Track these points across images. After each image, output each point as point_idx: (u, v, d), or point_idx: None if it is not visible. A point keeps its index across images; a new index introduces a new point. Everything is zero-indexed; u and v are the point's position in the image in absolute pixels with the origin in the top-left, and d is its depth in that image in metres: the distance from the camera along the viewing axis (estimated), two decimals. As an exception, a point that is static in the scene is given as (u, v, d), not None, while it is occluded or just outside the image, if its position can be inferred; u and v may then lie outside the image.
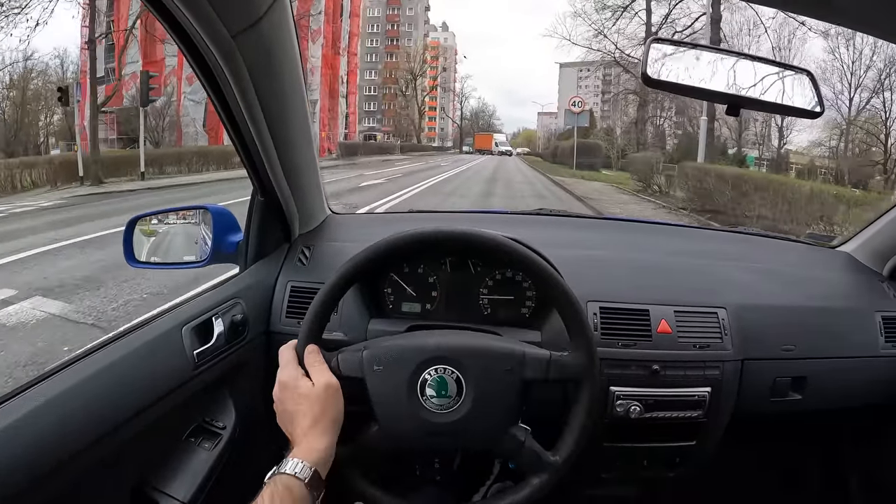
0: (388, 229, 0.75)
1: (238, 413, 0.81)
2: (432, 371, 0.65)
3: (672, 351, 0.81)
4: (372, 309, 0.84)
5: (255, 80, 0.69)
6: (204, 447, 0.77)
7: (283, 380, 0.65)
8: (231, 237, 0.88)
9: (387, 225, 1.10)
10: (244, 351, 0.83)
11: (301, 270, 0.92)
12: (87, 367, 0.64)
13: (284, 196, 0.88)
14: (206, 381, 0.76)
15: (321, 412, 0.62)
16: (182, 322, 0.76)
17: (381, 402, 0.65)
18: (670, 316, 0.83)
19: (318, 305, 0.66)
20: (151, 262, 0.94)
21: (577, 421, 0.67)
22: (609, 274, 0.89)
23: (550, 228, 1.10)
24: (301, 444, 0.61)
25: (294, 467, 0.59)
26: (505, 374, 0.65)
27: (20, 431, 0.54)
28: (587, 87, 40.52)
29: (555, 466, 0.66)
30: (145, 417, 0.67)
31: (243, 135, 0.76)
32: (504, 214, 1.27)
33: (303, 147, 0.84)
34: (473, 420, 0.64)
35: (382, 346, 0.67)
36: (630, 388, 0.80)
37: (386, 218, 1.29)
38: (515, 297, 0.84)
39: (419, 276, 0.86)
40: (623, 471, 0.89)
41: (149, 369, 0.70)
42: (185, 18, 0.59)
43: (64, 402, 0.60)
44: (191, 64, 0.67)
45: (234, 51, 0.65)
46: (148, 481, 0.71)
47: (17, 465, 0.53)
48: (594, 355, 0.66)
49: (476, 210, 1.50)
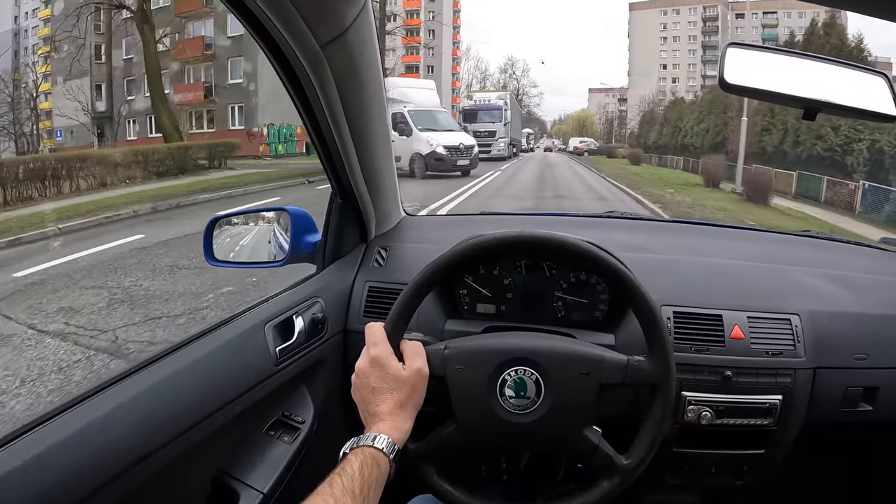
0: (463, 230, 0.91)
1: (316, 408, 0.97)
2: (512, 372, 0.77)
3: (745, 357, 0.92)
4: (448, 310, 1.00)
5: (340, 88, 0.86)
6: (283, 440, 0.92)
7: (374, 355, 0.76)
8: (308, 238, 1.08)
9: (461, 227, 1.29)
10: (323, 348, 1.00)
11: (379, 271, 1.10)
12: (176, 361, 0.79)
13: (363, 198, 1.06)
14: (287, 376, 0.92)
15: (408, 396, 0.74)
16: (265, 320, 0.92)
17: (460, 400, 0.77)
18: (743, 321, 0.94)
19: (405, 300, 0.80)
20: (231, 261, 1.14)
21: (651, 426, 0.78)
22: (681, 278, 1.01)
23: (621, 231, 1.24)
24: (386, 421, 0.72)
25: (382, 442, 0.69)
26: (582, 378, 0.76)
27: (112, 422, 0.67)
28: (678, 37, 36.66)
29: (627, 470, 0.76)
30: (229, 411, 0.81)
31: (326, 140, 0.95)
32: (575, 217, 1.43)
33: (381, 151, 1.03)
34: (550, 421, 0.76)
35: (463, 345, 0.80)
36: (702, 394, 0.91)
37: (459, 220, 1.49)
38: (589, 301, 0.98)
39: (494, 278, 1.01)
40: (690, 477, 1.00)
41: (234, 365, 0.85)
42: (277, 30, 0.74)
43: (154, 394, 0.73)
44: (278, 72, 0.84)
45: (321, 60, 0.81)
46: (228, 471, 0.84)
47: (109, 455, 0.65)
48: (672, 362, 0.77)
49: (547, 213, 1.65)
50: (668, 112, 30.64)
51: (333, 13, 0.76)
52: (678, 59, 36.77)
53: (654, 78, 37.31)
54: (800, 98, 0.78)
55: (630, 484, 0.77)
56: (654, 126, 31.55)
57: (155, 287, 4.60)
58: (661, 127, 29.96)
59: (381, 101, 0.96)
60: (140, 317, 3.86)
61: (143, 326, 3.73)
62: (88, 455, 0.63)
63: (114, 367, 3.25)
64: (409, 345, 0.79)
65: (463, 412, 0.78)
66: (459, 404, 0.78)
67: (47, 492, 0.59)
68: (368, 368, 0.76)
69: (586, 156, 31.80)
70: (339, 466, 0.66)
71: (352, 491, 0.63)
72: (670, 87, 36.73)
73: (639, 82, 38.14)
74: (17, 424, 0.63)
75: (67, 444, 0.62)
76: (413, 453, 0.76)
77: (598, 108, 45.33)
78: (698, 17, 32.42)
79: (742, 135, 16.33)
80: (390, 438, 0.71)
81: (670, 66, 37.22)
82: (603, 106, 44.95)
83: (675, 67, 37.13)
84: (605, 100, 44.57)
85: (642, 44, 37.01)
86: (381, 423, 0.73)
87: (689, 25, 35.20)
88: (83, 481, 0.61)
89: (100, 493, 0.62)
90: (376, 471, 0.67)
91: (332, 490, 0.62)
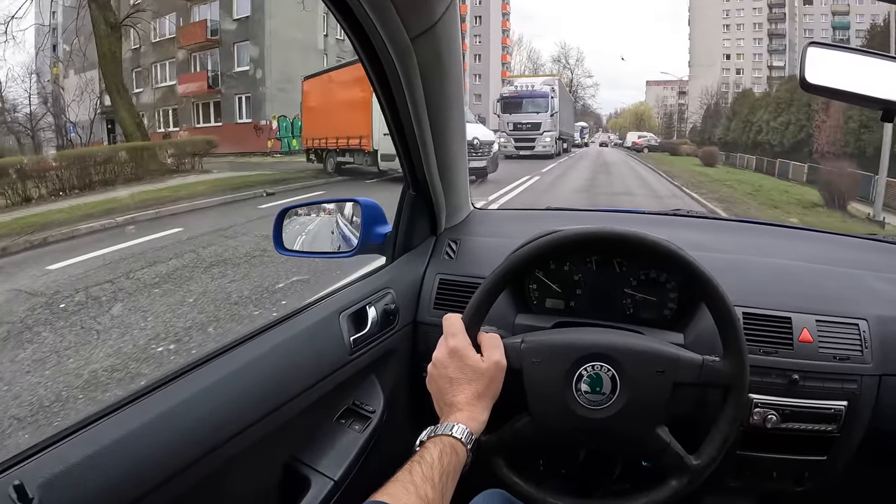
0: (531, 225, 0.99)
1: (385, 398, 1.04)
2: (589, 367, 0.81)
3: (812, 361, 0.96)
4: (518, 304, 1.06)
5: (425, 81, 0.93)
6: (354, 428, 0.98)
7: (453, 346, 0.80)
8: (379, 229, 1.17)
9: (529, 221, 1.37)
10: (393, 339, 1.08)
11: (449, 263, 1.18)
12: (255, 348, 0.85)
13: (436, 191, 1.16)
14: (359, 366, 0.99)
15: (486, 387, 0.79)
16: (339, 309, 1.00)
17: (535, 394, 0.82)
18: (812, 325, 0.98)
19: (484, 292, 0.86)
20: (300, 251, 1.24)
21: (723, 427, 0.82)
22: (750, 278, 1.05)
23: (689, 230, 1.30)
24: (464, 412, 0.77)
25: (461, 432, 0.74)
26: (657, 376, 0.81)
27: (192, 407, 0.72)
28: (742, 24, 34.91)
29: (696, 470, 0.81)
30: (305, 398, 0.87)
31: (405, 132, 1.04)
32: (642, 214, 1.50)
33: (457, 144, 1.12)
34: (624, 418, 0.80)
35: (540, 339, 0.85)
36: (768, 397, 0.95)
37: (526, 214, 1.56)
38: (658, 299, 1.03)
39: (564, 273, 1.07)
40: (750, 481, 1.03)
41: (310, 353, 0.92)
42: (369, 21, 0.80)
43: (233, 381, 0.79)
44: (364, 64, 0.92)
45: (410, 52, 0.87)
46: (299, 458, 0.90)
47: (187, 440, 0.70)
48: (746, 363, 0.81)
49: (613, 209, 1.67)
50: (736, 105, 29.13)
51: (425, 6, 0.82)
52: (742, 48, 35.74)
53: (717, 68, 36.24)
54: (879, 99, 0.82)
55: (698, 484, 0.81)
56: (720, 120, 30.13)
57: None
58: (729, 121, 28.37)
59: (461, 95, 1.05)
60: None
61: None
62: (166, 440, 0.68)
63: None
64: (487, 337, 0.84)
65: (537, 405, 0.82)
66: (534, 398, 0.82)
67: (126, 475, 0.63)
68: (447, 359, 0.81)
69: (646, 152, 29.89)
70: (418, 454, 0.70)
71: (431, 479, 0.66)
72: (734, 78, 35.58)
73: (700, 73, 37.16)
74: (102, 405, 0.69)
75: (148, 428, 0.67)
76: (485, 445, 0.81)
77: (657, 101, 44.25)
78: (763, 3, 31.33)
79: (886, 136, 12.53)
80: (468, 428, 0.75)
81: (734, 55, 36.10)
82: (661, 99, 43.99)
83: (739, 57, 35.97)
84: (664, 92, 43.51)
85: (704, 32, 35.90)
86: (459, 413, 0.76)
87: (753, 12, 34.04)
88: (162, 466, 0.66)
89: (177, 477, 0.67)
90: (454, 460, 0.71)
91: (412, 477, 0.65)
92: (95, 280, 5.05)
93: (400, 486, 0.64)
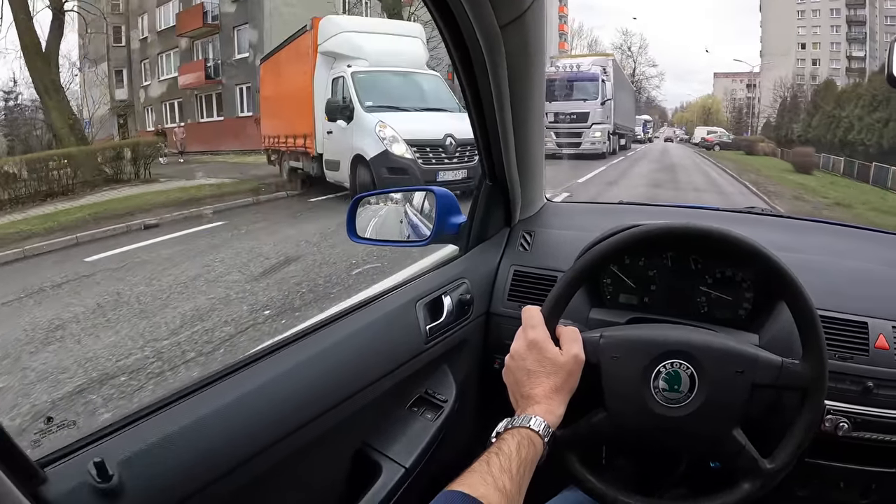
0: (606, 219, 1.04)
1: (457, 388, 1.09)
2: (668, 364, 0.83)
3: (888, 369, 0.96)
4: (592, 298, 1.10)
5: (511, 70, 0.97)
6: (426, 417, 1.02)
7: (533, 338, 0.83)
8: (453, 219, 1.24)
9: (603, 215, 1.43)
10: (467, 329, 1.13)
11: (524, 255, 1.23)
12: (333, 333, 0.90)
13: (512, 182, 1.22)
14: (434, 355, 1.05)
15: (564, 381, 0.81)
16: (416, 297, 1.05)
17: (612, 389, 0.85)
18: (889, 331, 0.98)
19: (565, 285, 0.88)
20: (373, 239, 1.31)
21: (798, 431, 0.83)
22: (826, 280, 1.05)
23: (764, 228, 1.31)
24: (542, 404, 0.79)
25: (539, 424, 0.76)
26: (736, 376, 0.82)
27: (267, 393, 0.75)
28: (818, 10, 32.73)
29: (770, 474, 0.82)
30: (380, 386, 0.91)
31: (486, 121, 1.09)
32: (716, 211, 1.52)
33: (537, 136, 1.19)
34: (700, 418, 0.82)
35: (619, 335, 0.88)
36: (841, 404, 0.95)
37: (600, 208, 1.63)
38: (733, 298, 1.04)
39: (639, 269, 1.10)
40: (817, 490, 1.04)
41: (387, 340, 0.96)
42: (460, 6, 0.82)
43: (309, 367, 0.82)
44: (450, 52, 0.95)
45: (499, 40, 0.90)
46: (371, 444, 0.94)
47: (263, 424, 0.73)
48: (825, 367, 0.82)
49: (687, 205, 1.62)
50: (817, 98, 27.12)
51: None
52: (818, 36, 34.16)
53: (791, 59, 34.62)
54: None
55: (770, 489, 0.82)
56: (799, 115, 28.25)
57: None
58: (810, 117, 26.23)
59: (543, 86, 1.10)
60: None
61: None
62: (242, 424, 0.71)
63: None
64: (566, 330, 0.86)
65: (614, 401, 0.85)
66: (611, 393, 0.85)
67: (202, 458, 0.65)
68: (525, 351, 0.83)
69: (717, 150, 26.89)
70: (496, 445, 0.73)
71: (509, 470, 0.68)
72: (810, 69, 33.69)
73: (773, 63, 35.53)
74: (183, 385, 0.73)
75: (223, 412, 0.70)
76: (559, 439, 0.83)
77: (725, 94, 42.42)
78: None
79: None
80: (546, 422, 0.77)
81: (809, 44, 34.14)
82: (730, 92, 42.24)
83: (815, 46, 33.98)
84: (733, 85, 41.52)
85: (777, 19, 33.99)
86: (537, 406, 0.79)
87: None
88: (235, 450, 0.69)
89: (252, 461, 0.70)
90: (532, 452, 0.73)
91: (490, 468, 0.68)
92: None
93: (478, 477, 0.66)
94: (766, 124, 34.89)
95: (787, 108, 31.58)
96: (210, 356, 3.46)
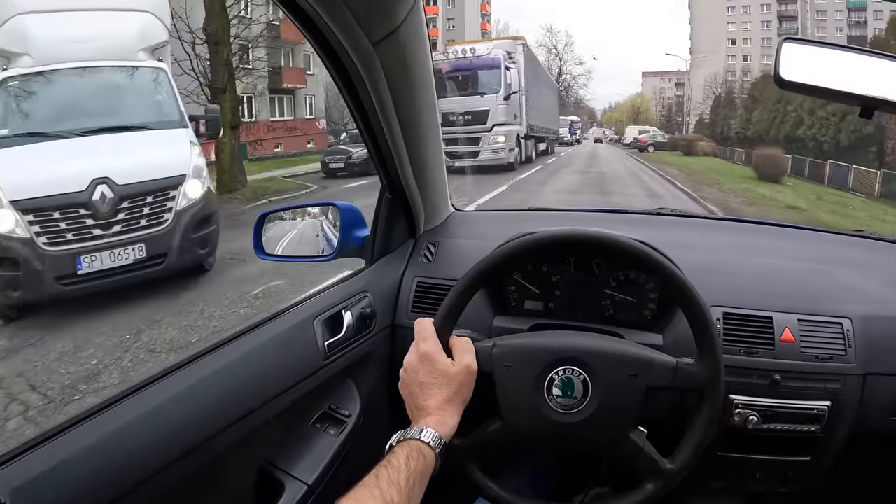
0: (512, 227, 1.03)
1: (362, 402, 1.10)
2: (560, 371, 0.86)
3: (794, 361, 1.00)
4: (496, 306, 1.12)
5: (392, 84, 0.98)
6: (329, 433, 1.03)
7: (424, 350, 0.86)
8: (357, 232, 1.24)
9: (510, 223, 1.44)
10: (370, 343, 1.14)
11: (427, 266, 1.24)
12: (228, 353, 0.90)
13: (412, 193, 1.22)
14: (334, 370, 1.05)
15: (456, 392, 0.84)
16: (314, 314, 1.05)
17: (507, 398, 0.87)
18: (794, 324, 1.02)
19: (456, 296, 0.90)
20: (280, 255, 1.29)
21: (697, 430, 0.86)
22: (732, 278, 1.10)
23: (671, 229, 1.37)
24: (434, 416, 0.82)
25: (429, 435, 0.78)
26: (630, 380, 0.85)
27: (164, 413, 0.76)
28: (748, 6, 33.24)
29: (671, 474, 0.85)
30: (278, 403, 0.93)
31: (377, 136, 1.09)
32: (625, 214, 1.57)
33: (431, 146, 1.19)
34: (596, 423, 0.85)
35: (511, 343, 0.90)
36: (749, 398, 1.00)
37: (507, 216, 1.64)
38: (638, 300, 1.08)
39: (543, 275, 1.13)
40: (733, 482, 1.08)
41: (284, 358, 0.97)
42: (329, 28, 0.84)
43: (206, 386, 0.83)
44: (329, 70, 0.96)
45: (373, 58, 0.91)
46: (274, 462, 0.95)
47: (160, 445, 0.74)
48: (721, 366, 0.86)
49: (597, 209, 1.69)
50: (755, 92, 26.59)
51: (385, 11, 0.86)
52: (749, 32, 34.93)
53: (722, 56, 35.50)
54: (857, 95, 0.85)
55: (673, 487, 0.85)
56: (736, 111, 28.39)
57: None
58: (748, 112, 25.80)
59: (432, 96, 1.11)
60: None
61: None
62: (139, 445, 0.72)
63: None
64: (458, 341, 0.89)
65: (508, 410, 0.87)
66: (506, 402, 0.87)
67: (99, 481, 0.66)
68: (417, 363, 0.86)
69: (651, 150, 25.20)
70: (385, 459, 0.75)
71: (397, 483, 0.70)
72: (741, 65, 34.54)
73: (703, 62, 36.25)
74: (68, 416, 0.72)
75: (121, 434, 0.71)
76: (458, 449, 0.86)
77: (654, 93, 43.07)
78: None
79: None
80: (437, 433, 0.79)
81: (740, 41, 35.05)
82: (659, 91, 42.82)
83: (746, 42, 34.90)
84: (661, 84, 42.54)
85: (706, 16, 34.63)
86: (429, 418, 0.81)
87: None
88: (134, 472, 0.70)
89: (150, 481, 0.71)
90: (422, 463, 0.75)
91: (378, 482, 0.70)
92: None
93: (366, 491, 0.68)
94: (700, 122, 35.18)
95: (721, 104, 31.79)
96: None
